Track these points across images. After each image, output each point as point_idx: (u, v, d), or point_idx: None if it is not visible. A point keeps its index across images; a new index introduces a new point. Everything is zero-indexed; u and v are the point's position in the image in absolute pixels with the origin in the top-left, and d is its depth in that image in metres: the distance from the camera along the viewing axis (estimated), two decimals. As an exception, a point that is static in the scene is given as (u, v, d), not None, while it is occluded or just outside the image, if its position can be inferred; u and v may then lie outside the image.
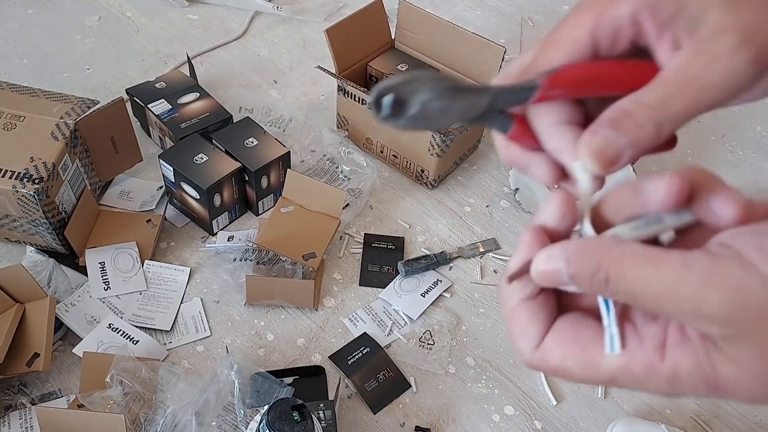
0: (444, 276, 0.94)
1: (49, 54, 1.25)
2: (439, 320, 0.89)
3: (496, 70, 1.02)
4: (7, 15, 1.33)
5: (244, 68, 1.26)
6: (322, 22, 1.37)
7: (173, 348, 0.84)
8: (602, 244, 0.25)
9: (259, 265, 0.90)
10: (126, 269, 0.89)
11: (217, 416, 0.74)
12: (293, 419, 0.60)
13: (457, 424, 0.80)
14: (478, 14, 1.46)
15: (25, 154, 0.82)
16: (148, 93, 1.06)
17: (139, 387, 0.74)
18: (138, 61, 1.25)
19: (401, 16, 1.10)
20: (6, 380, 0.77)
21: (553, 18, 1.46)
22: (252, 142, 0.97)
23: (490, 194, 1.07)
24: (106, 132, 0.94)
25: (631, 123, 0.26)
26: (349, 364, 0.83)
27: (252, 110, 1.15)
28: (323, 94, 1.22)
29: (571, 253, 0.25)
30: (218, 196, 0.92)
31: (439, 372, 0.84)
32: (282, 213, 0.94)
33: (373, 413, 0.80)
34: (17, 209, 0.83)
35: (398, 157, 1.06)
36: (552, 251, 0.25)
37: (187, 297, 0.89)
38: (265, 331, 0.87)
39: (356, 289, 0.92)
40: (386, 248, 0.97)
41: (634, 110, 0.26)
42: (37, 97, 0.91)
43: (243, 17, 1.37)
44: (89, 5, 1.37)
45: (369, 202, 1.04)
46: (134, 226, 0.94)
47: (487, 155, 1.13)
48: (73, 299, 0.86)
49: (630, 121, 0.26)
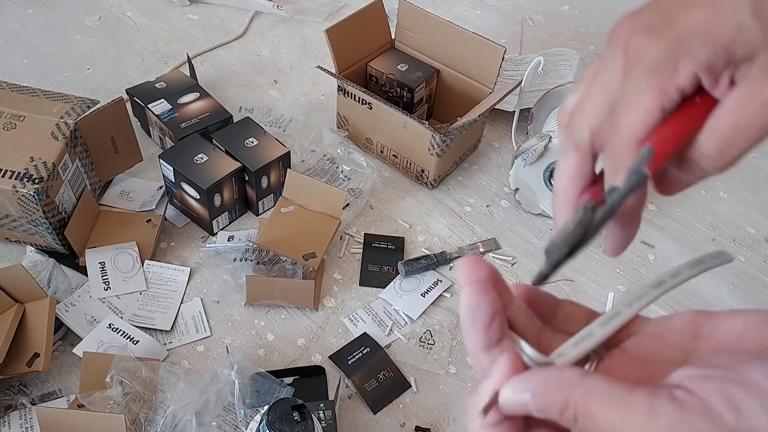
0: (444, 276, 0.94)
1: (49, 54, 1.25)
2: (439, 320, 0.89)
3: (496, 70, 1.02)
4: (7, 15, 1.33)
5: (244, 68, 1.26)
6: (322, 22, 1.37)
7: (173, 348, 0.84)
8: (567, 381, 0.25)
9: (259, 265, 0.90)
10: (126, 269, 0.89)
11: (217, 416, 0.74)
12: (293, 419, 0.60)
13: (458, 424, 0.80)
14: (479, 14, 1.46)
15: (25, 154, 0.82)
16: (148, 93, 1.06)
17: (139, 387, 0.74)
18: (138, 61, 1.25)
19: (401, 16, 1.10)
20: (6, 380, 0.77)
21: (553, 18, 1.46)
22: (252, 142, 0.97)
23: (491, 194, 1.07)
24: (106, 132, 0.94)
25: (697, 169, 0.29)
26: (349, 364, 0.83)
27: (252, 110, 1.15)
28: (323, 94, 1.22)
29: (537, 387, 0.25)
30: (218, 196, 0.92)
31: (440, 372, 0.84)
32: (282, 213, 0.94)
33: (373, 413, 0.80)
34: (17, 209, 0.83)
35: (398, 157, 1.06)
36: (517, 384, 0.25)
37: (187, 297, 0.89)
38: (265, 331, 0.87)
39: (356, 289, 0.92)
40: (386, 248, 0.97)
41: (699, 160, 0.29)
42: (37, 97, 0.91)
43: (243, 17, 1.37)
44: (89, 5, 1.37)
45: (369, 202, 1.04)
46: (134, 226, 0.94)
47: (487, 155, 1.13)
48: (73, 299, 0.86)
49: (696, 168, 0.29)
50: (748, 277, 0.99)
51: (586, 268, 0.96)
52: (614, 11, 1.50)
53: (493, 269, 0.28)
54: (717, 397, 0.23)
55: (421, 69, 1.09)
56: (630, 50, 0.30)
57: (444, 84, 1.12)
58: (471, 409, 0.27)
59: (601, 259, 0.97)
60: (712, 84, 0.29)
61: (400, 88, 1.08)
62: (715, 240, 1.03)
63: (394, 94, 1.10)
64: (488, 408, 0.26)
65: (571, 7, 1.50)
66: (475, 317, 0.27)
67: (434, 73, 1.10)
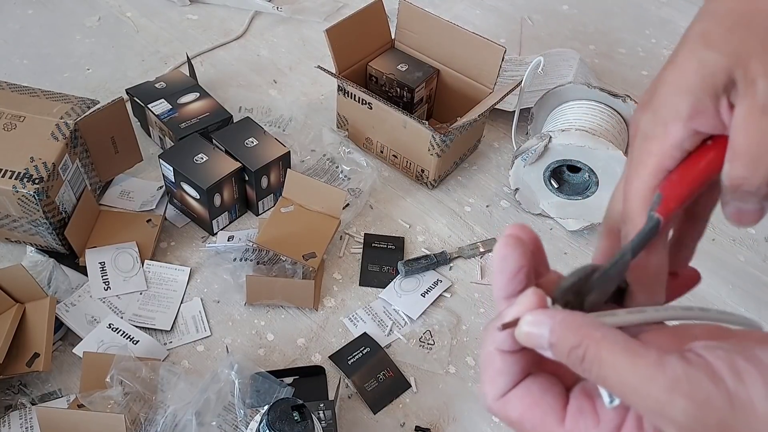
0: (444, 276, 0.94)
1: (49, 54, 1.25)
2: (439, 320, 0.89)
3: (496, 70, 1.02)
4: (7, 15, 1.33)
5: (244, 68, 1.26)
6: (322, 22, 1.37)
7: (173, 348, 0.84)
8: (587, 323, 0.26)
9: (259, 265, 0.90)
10: (126, 269, 0.89)
11: (218, 416, 0.74)
12: (293, 419, 0.60)
13: (458, 424, 0.80)
14: (478, 14, 1.46)
15: (25, 154, 0.82)
16: (148, 93, 1.06)
17: (139, 387, 0.74)
18: (138, 61, 1.25)
19: (401, 16, 1.10)
20: (6, 380, 0.77)
21: (553, 18, 1.46)
22: (252, 142, 0.97)
23: (490, 194, 1.07)
24: (106, 132, 0.94)
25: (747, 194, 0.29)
26: (349, 364, 0.83)
27: (252, 110, 1.15)
28: (323, 94, 1.22)
29: (557, 323, 0.26)
30: (218, 196, 0.92)
31: (440, 372, 0.84)
32: (282, 213, 0.94)
33: (373, 413, 0.80)
34: (17, 209, 0.83)
35: (398, 157, 1.06)
36: (539, 316, 0.27)
37: (187, 297, 0.90)
38: (265, 331, 0.87)
39: (356, 289, 0.92)
40: (386, 248, 0.97)
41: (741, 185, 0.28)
42: (37, 97, 0.91)
43: (243, 17, 1.37)
44: (89, 5, 1.37)
45: (369, 202, 1.04)
46: (134, 226, 0.94)
47: (487, 155, 1.13)
48: (73, 299, 0.86)
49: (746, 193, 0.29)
50: (748, 277, 0.99)
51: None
52: (613, 11, 1.51)
53: (536, 237, 0.30)
54: (723, 363, 0.24)
55: (421, 69, 1.10)
56: (632, 130, 0.32)
57: (444, 84, 1.12)
58: (488, 333, 0.28)
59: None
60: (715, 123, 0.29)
61: (400, 88, 1.08)
62: (715, 240, 1.03)
63: (394, 94, 1.10)
64: (507, 326, 0.27)
65: (570, 6, 1.50)
66: (503, 265, 0.29)
67: (434, 73, 1.10)
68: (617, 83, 1.31)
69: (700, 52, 0.29)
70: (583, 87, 0.98)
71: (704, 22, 0.30)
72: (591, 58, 1.36)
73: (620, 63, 1.36)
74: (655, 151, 0.30)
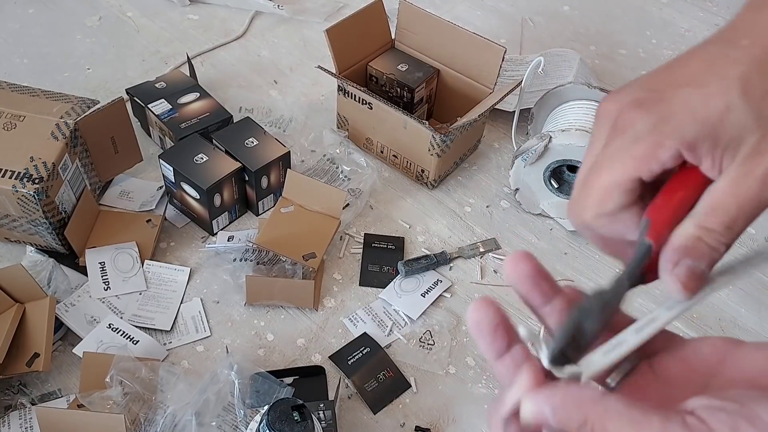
0: (444, 276, 0.94)
1: (49, 54, 1.25)
2: (439, 320, 0.89)
3: (496, 70, 1.02)
4: (7, 15, 1.33)
5: (245, 68, 1.26)
6: (322, 22, 1.37)
7: (173, 348, 0.84)
8: (587, 398, 0.26)
9: (259, 265, 0.90)
10: (126, 269, 0.89)
11: (217, 416, 0.74)
12: (293, 419, 0.60)
13: (458, 424, 0.80)
14: (479, 14, 1.46)
15: (25, 154, 0.82)
16: (148, 93, 1.06)
17: (139, 387, 0.74)
18: (138, 61, 1.25)
19: (401, 16, 1.10)
20: (6, 380, 0.77)
21: (554, 19, 1.46)
22: (252, 142, 0.97)
23: (491, 194, 1.07)
24: (106, 132, 0.94)
25: (705, 248, 0.29)
26: (349, 364, 0.83)
27: (252, 110, 1.15)
28: (323, 94, 1.22)
29: (558, 404, 0.26)
30: (218, 196, 0.92)
31: (439, 372, 0.84)
32: (282, 213, 0.94)
33: (373, 413, 0.80)
34: (17, 209, 0.83)
35: (398, 157, 1.06)
36: (538, 398, 0.27)
37: (187, 297, 0.89)
38: (265, 331, 0.87)
39: (356, 289, 0.92)
40: (386, 248, 0.97)
41: (705, 236, 0.29)
42: (37, 97, 0.91)
43: (243, 17, 1.37)
44: (89, 5, 1.37)
45: (369, 202, 1.04)
46: (134, 226, 0.94)
47: (487, 155, 1.13)
48: (73, 299, 0.86)
49: (704, 247, 0.29)
50: (748, 277, 0.99)
51: (586, 268, 0.96)
52: (614, 12, 1.51)
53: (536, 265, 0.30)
54: (726, 428, 0.24)
55: (421, 69, 1.09)
56: (619, 123, 0.31)
57: (444, 84, 1.12)
58: (493, 417, 0.29)
59: (601, 259, 0.97)
60: (694, 161, 0.30)
61: (400, 88, 1.08)
62: (715, 240, 1.03)
63: (394, 94, 1.10)
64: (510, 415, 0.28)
65: (571, 7, 1.50)
66: (478, 331, 0.29)
67: (434, 73, 1.10)
68: (618, 84, 1.31)
69: (734, 98, 0.28)
70: (583, 87, 0.98)
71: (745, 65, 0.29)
72: (591, 59, 1.36)
73: (621, 64, 1.36)
74: (639, 156, 0.30)
